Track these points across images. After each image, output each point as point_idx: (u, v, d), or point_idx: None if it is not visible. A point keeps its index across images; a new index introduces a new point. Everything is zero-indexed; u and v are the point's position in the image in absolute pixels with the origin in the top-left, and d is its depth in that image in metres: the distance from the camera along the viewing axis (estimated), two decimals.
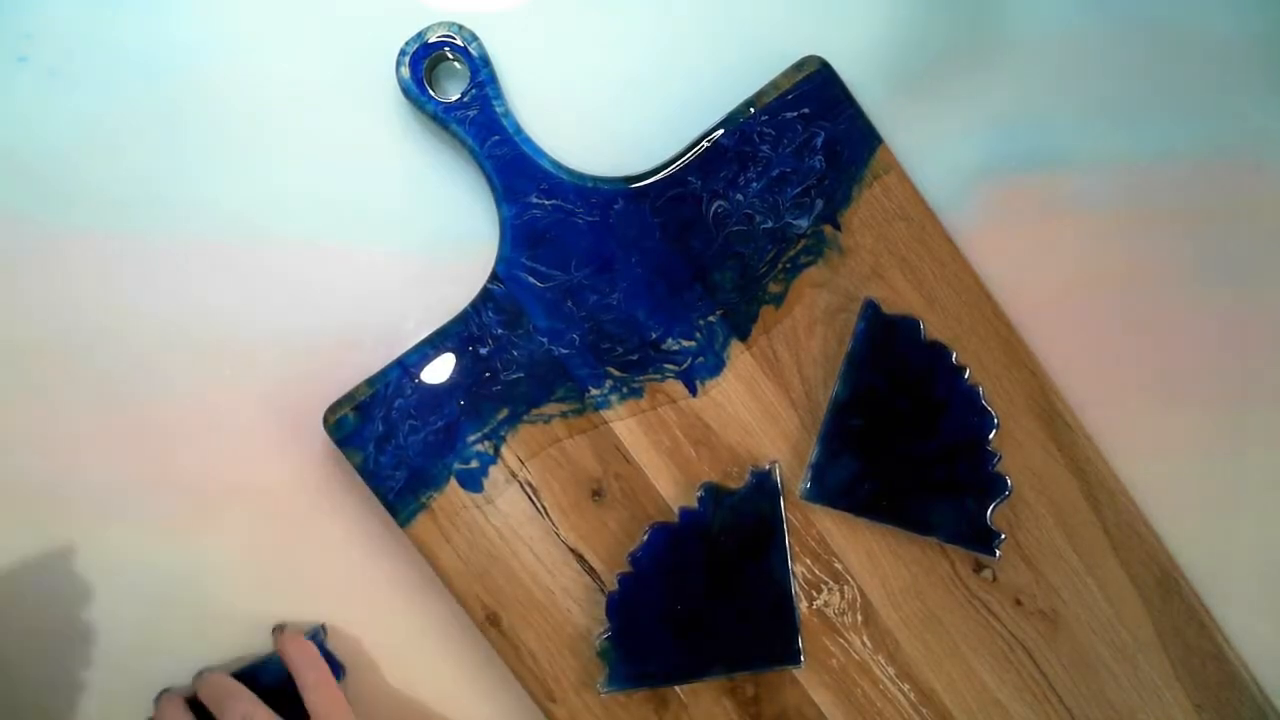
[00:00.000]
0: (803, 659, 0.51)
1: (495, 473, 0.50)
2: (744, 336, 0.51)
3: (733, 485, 0.51)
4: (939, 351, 0.50)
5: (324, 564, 0.53)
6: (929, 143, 0.51)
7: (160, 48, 0.50)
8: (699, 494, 0.50)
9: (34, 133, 0.50)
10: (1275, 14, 0.52)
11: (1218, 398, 0.54)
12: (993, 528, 0.50)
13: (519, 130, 0.49)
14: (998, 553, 0.50)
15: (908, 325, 0.50)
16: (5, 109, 0.50)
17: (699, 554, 0.50)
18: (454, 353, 0.50)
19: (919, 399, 0.50)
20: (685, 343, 0.50)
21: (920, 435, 0.50)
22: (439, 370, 0.50)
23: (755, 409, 0.51)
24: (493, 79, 0.49)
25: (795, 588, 0.51)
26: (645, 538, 0.50)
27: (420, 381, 0.49)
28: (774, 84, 0.49)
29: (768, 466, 0.50)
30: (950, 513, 0.50)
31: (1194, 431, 0.54)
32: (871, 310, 0.50)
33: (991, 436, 0.50)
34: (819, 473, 0.50)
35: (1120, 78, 0.53)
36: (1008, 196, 0.52)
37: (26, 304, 0.51)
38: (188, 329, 0.52)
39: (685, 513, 0.50)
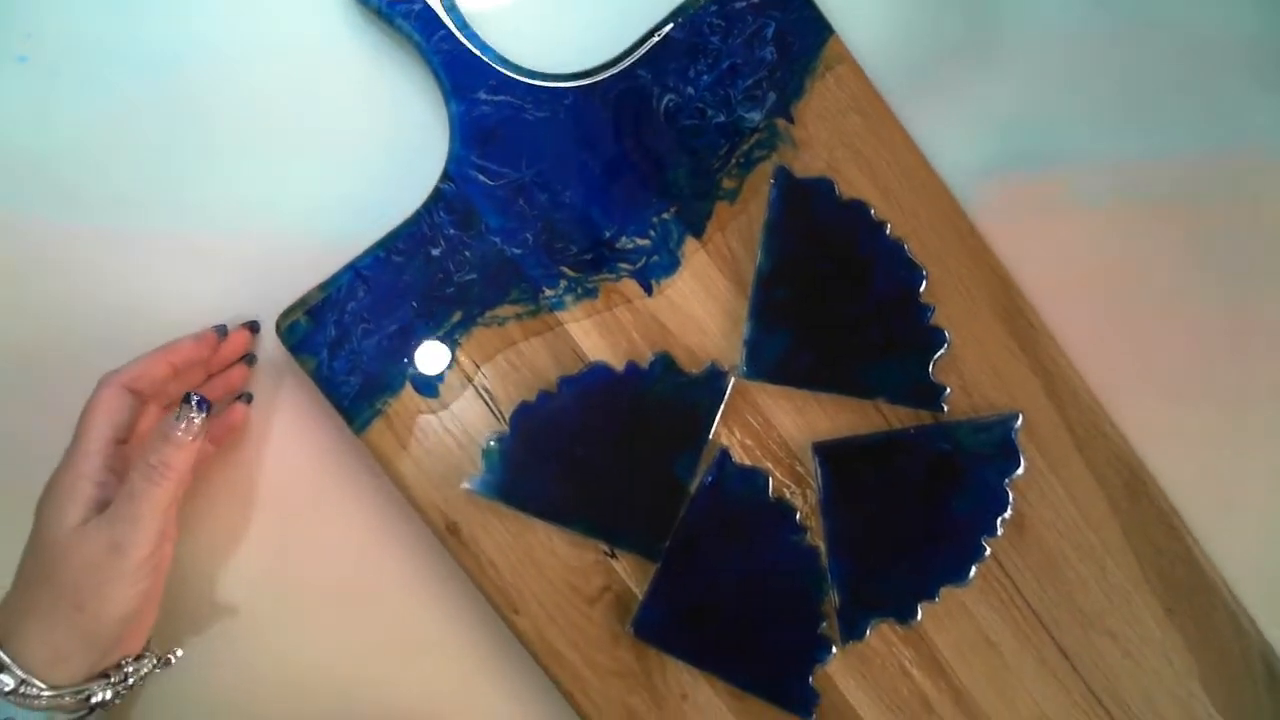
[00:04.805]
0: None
1: (451, 377, 0.50)
2: (699, 234, 0.50)
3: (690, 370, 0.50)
4: (858, 209, 0.49)
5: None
6: (933, 142, 0.51)
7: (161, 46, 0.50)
8: (652, 358, 0.50)
9: (34, 132, 0.50)
10: (1274, 14, 0.52)
11: (1218, 394, 0.54)
12: (936, 382, 0.50)
13: (465, 25, 0.48)
14: (945, 407, 0.50)
15: (822, 186, 0.49)
16: (5, 109, 0.50)
17: (623, 412, 0.49)
18: (406, 255, 0.49)
19: (843, 260, 0.49)
20: (639, 241, 0.50)
21: (849, 297, 0.49)
22: (391, 273, 0.49)
23: (712, 308, 0.50)
24: None
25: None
26: (586, 369, 0.49)
27: (373, 285, 0.49)
28: None
29: (727, 369, 0.50)
30: (891, 373, 0.49)
31: (1196, 430, 0.54)
32: (783, 175, 0.49)
33: (922, 289, 0.49)
34: (754, 349, 0.49)
35: (1122, 77, 0.53)
36: (1010, 194, 0.52)
37: (27, 302, 0.51)
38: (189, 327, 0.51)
39: (632, 367, 0.50)
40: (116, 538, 0.43)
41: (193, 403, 0.45)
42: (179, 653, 0.48)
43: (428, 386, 0.50)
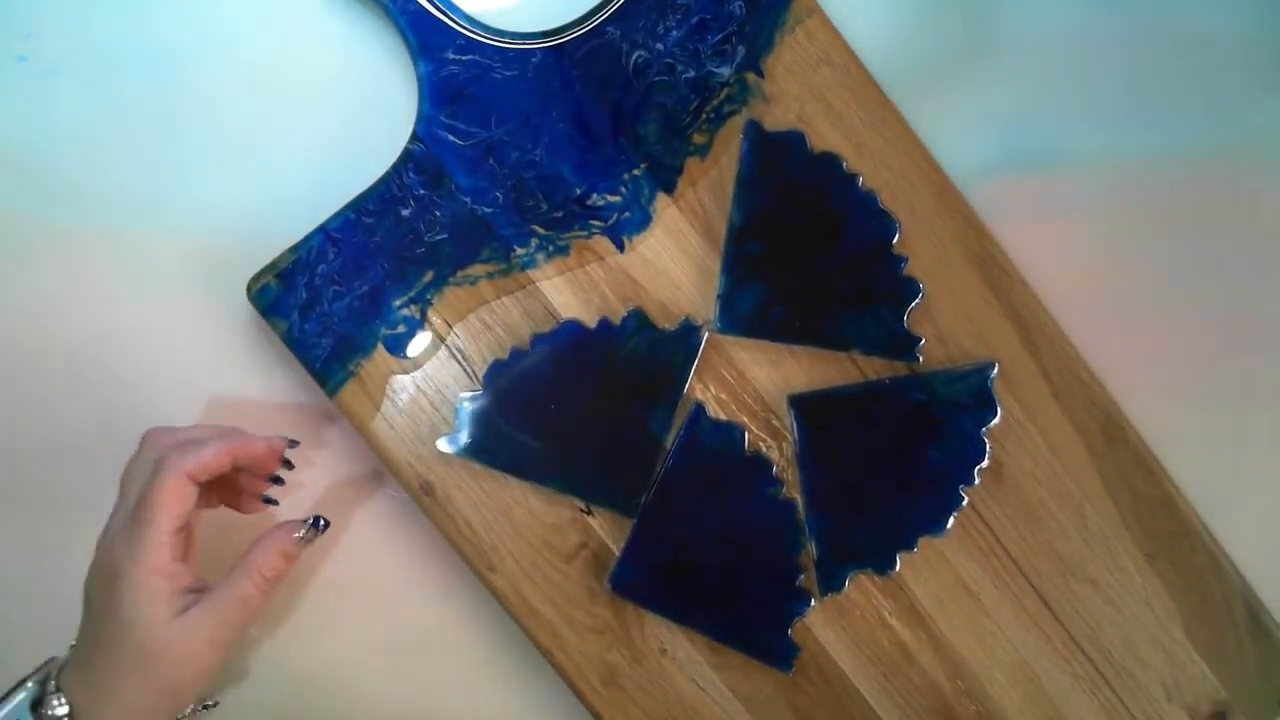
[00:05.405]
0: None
1: (423, 337, 0.50)
2: (670, 189, 0.50)
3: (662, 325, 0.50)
4: (829, 162, 0.49)
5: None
6: (931, 142, 0.51)
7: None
8: (625, 314, 0.49)
9: (34, 132, 0.50)
10: (1274, 14, 0.52)
11: (1220, 393, 0.54)
12: (911, 333, 0.49)
13: None
14: (920, 358, 0.49)
15: (793, 139, 0.49)
16: (5, 109, 0.50)
17: (597, 368, 0.49)
18: (376, 216, 0.49)
19: (815, 213, 0.49)
20: (610, 198, 0.50)
21: (822, 249, 0.49)
22: (361, 234, 0.49)
23: (684, 263, 0.50)
24: None
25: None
26: (558, 327, 0.49)
27: (343, 246, 0.49)
28: None
29: (700, 323, 0.50)
30: (866, 324, 0.49)
31: (1198, 428, 0.54)
32: (754, 129, 0.49)
33: (895, 240, 0.49)
34: (728, 303, 0.49)
35: (1120, 77, 0.53)
36: (1009, 195, 0.52)
37: (27, 302, 0.51)
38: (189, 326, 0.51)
39: (605, 324, 0.49)
40: (217, 635, 0.44)
41: (319, 525, 0.47)
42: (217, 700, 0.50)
43: (399, 347, 0.50)
